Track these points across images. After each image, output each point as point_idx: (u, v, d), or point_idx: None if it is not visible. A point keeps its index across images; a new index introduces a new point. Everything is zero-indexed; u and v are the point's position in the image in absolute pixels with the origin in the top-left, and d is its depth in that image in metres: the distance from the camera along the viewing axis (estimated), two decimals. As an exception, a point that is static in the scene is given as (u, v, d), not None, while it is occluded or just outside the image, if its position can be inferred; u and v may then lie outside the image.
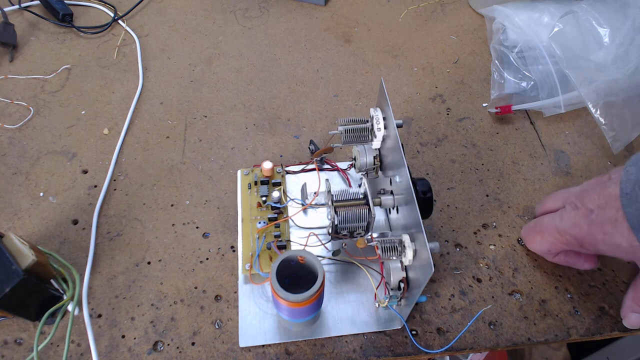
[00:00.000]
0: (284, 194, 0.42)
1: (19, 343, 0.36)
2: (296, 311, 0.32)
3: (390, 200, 0.36)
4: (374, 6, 0.66)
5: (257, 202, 0.42)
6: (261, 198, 0.42)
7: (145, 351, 0.36)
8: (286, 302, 0.31)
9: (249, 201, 0.42)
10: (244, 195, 0.43)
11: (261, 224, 0.40)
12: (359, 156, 0.39)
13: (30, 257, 0.34)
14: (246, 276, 0.39)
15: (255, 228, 0.40)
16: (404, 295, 0.34)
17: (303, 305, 0.31)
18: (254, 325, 0.37)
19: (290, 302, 0.31)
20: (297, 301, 0.30)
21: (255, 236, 0.40)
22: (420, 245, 0.30)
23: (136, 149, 0.48)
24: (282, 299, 0.30)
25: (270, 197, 0.42)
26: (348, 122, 0.38)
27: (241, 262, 0.39)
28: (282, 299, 0.30)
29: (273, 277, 0.31)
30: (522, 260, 0.42)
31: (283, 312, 0.33)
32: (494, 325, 0.38)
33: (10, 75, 0.54)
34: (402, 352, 0.36)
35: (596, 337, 0.38)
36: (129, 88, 0.54)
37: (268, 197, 0.42)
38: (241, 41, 0.60)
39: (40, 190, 0.45)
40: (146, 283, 0.39)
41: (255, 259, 0.38)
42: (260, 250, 0.39)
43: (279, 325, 0.37)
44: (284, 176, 0.44)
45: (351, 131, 0.38)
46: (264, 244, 0.39)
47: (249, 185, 0.43)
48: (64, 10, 0.60)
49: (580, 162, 0.49)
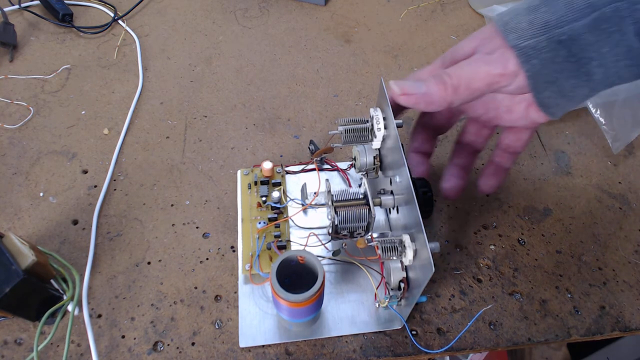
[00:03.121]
0: (284, 194, 0.42)
1: (19, 343, 0.36)
2: (296, 311, 0.32)
3: (391, 200, 0.36)
4: (374, 6, 0.66)
5: (257, 202, 0.42)
6: (261, 198, 0.42)
7: (145, 351, 0.36)
8: (286, 302, 0.31)
9: (249, 201, 0.42)
10: (244, 195, 0.43)
11: (261, 224, 0.40)
12: (359, 156, 0.39)
13: (30, 257, 0.34)
14: (246, 276, 0.39)
15: (255, 228, 0.40)
16: (404, 295, 0.34)
17: (303, 306, 0.31)
18: (254, 325, 0.37)
19: (290, 302, 0.31)
20: (297, 301, 0.30)
21: (255, 236, 0.40)
22: (420, 245, 0.30)
23: (136, 149, 0.48)
24: (282, 299, 0.30)
25: (270, 197, 0.42)
26: (348, 122, 0.38)
27: (241, 262, 0.39)
28: (282, 299, 0.30)
29: (273, 277, 0.31)
30: (523, 260, 0.42)
31: (283, 312, 0.33)
32: (494, 325, 0.38)
33: (10, 75, 0.54)
34: (402, 352, 0.36)
35: (596, 337, 0.38)
36: (129, 88, 0.54)
37: (268, 197, 0.42)
38: (241, 41, 0.60)
39: (40, 190, 0.45)
40: (146, 283, 0.39)
41: (255, 259, 0.38)
42: (260, 250, 0.39)
43: (279, 325, 0.37)
44: (284, 176, 0.44)
45: (351, 131, 0.37)
46: (264, 244, 0.39)
47: (249, 186, 0.43)
48: (64, 10, 0.60)
49: (580, 162, 0.49)
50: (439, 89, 0.31)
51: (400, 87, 0.32)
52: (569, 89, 0.30)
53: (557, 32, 0.28)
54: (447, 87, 0.31)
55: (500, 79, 0.30)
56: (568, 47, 0.28)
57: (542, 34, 0.29)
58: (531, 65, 0.29)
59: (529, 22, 0.29)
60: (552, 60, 0.29)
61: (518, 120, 0.35)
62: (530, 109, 0.34)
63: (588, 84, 0.30)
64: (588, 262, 0.42)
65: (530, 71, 0.29)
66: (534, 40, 0.29)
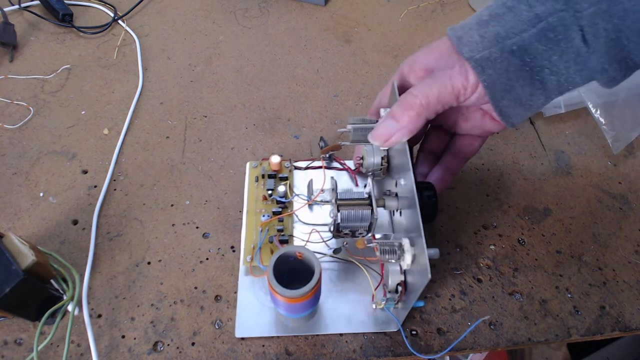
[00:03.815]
0: (290, 189, 0.42)
1: (19, 343, 0.36)
2: (293, 307, 0.32)
3: (395, 203, 0.36)
4: (374, 6, 0.66)
5: (262, 195, 0.42)
6: (267, 191, 0.42)
7: (145, 351, 0.36)
8: (282, 297, 0.31)
9: (255, 194, 0.42)
10: (251, 188, 0.43)
11: (265, 217, 0.40)
12: (366, 156, 0.39)
13: (30, 257, 0.34)
14: (247, 268, 0.39)
15: (259, 221, 0.40)
16: (401, 298, 0.34)
17: (299, 301, 0.31)
18: (252, 317, 0.37)
19: (286, 298, 0.31)
20: (293, 297, 0.30)
21: (258, 229, 0.40)
22: (419, 251, 0.30)
23: (136, 149, 0.48)
24: (278, 294, 0.30)
25: (276, 192, 0.42)
26: (358, 122, 0.38)
27: (243, 253, 0.39)
28: (278, 294, 0.30)
29: (270, 271, 0.31)
30: (523, 260, 0.42)
31: (280, 307, 0.33)
32: (494, 325, 0.38)
33: (10, 75, 0.54)
34: (403, 352, 0.36)
35: (597, 336, 0.38)
36: (129, 88, 0.54)
37: (274, 191, 0.42)
38: (241, 41, 0.60)
39: (40, 190, 0.45)
40: (146, 283, 0.39)
41: (257, 251, 0.38)
42: (262, 243, 0.39)
43: (277, 320, 0.37)
44: (291, 171, 0.44)
45: (360, 130, 0.37)
46: (266, 237, 0.39)
47: (257, 178, 0.43)
48: (64, 10, 0.60)
49: (580, 162, 0.49)
50: (411, 115, 0.32)
51: (378, 138, 0.34)
52: (526, 98, 0.31)
53: (508, 42, 0.30)
54: (417, 108, 0.32)
55: (464, 92, 0.32)
56: (520, 56, 0.30)
57: (494, 45, 0.30)
58: (487, 75, 0.31)
59: (481, 36, 0.31)
60: (507, 69, 0.30)
61: (473, 129, 0.38)
62: (485, 118, 0.36)
63: (543, 93, 0.31)
64: (588, 262, 0.42)
65: (486, 81, 0.31)
66: (487, 52, 0.30)
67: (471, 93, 0.32)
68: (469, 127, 0.38)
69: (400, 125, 0.33)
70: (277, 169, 0.44)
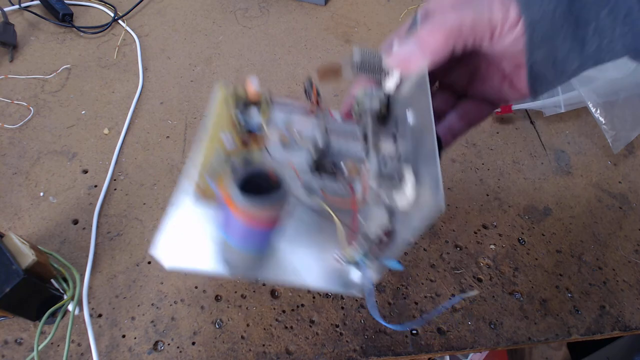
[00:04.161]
0: (266, 124, 0.33)
1: (20, 343, 0.36)
2: (249, 231, 0.27)
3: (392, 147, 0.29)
4: (374, 6, 0.66)
5: (231, 121, 0.32)
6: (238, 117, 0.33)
7: (145, 351, 0.36)
8: (241, 211, 0.25)
9: (222, 121, 0.33)
10: (219, 112, 0.33)
11: (231, 146, 0.32)
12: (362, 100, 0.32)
13: (30, 257, 0.34)
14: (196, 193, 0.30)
15: (224, 148, 0.31)
16: (379, 249, 0.28)
17: (260, 223, 0.26)
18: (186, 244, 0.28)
19: (245, 212, 0.25)
20: (255, 208, 0.25)
21: (219, 150, 0.31)
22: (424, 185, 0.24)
23: (136, 149, 0.48)
24: (238, 207, 0.25)
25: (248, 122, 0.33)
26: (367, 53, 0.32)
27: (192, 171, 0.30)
28: (238, 207, 0.25)
29: (232, 181, 0.25)
30: (523, 260, 0.42)
31: (232, 230, 0.27)
32: (494, 324, 0.38)
33: (10, 75, 0.54)
34: (403, 352, 0.36)
35: (597, 336, 0.38)
36: (129, 88, 0.54)
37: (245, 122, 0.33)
38: (241, 41, 0.60)
39: (40, 190, 0.45)
40: (146, 283, 0.39)
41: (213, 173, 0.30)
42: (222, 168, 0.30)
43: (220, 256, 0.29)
44: (268, 104, 0.34)
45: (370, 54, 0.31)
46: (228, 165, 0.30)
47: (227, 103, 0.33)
48: (64, 10, 0.60)
49: (580, 162, 0.49)
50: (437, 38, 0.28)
51: (395, 60, 0.29)
52: (562, 56, 0.29)
53: None
54: (447, 31, 0.28)
55: (501, 28, 0.28)
56: (569, 1, 0.27)
57: None
58: (531, 12, 0.28)
59: None
60: (553, 12, 0.28)
61: (487, 93, 0.33)
62: (504, 83, 0.32)
63: (579, 56, 0.29)
64: (588, 262, 0.42)
65: (529, 18, 0.28)
66: None
67: (508, 30, 0.28)
68: (483, 90, 0.33)
69: (424, 47, 0.28)
70: (254, 100, 0.33)
